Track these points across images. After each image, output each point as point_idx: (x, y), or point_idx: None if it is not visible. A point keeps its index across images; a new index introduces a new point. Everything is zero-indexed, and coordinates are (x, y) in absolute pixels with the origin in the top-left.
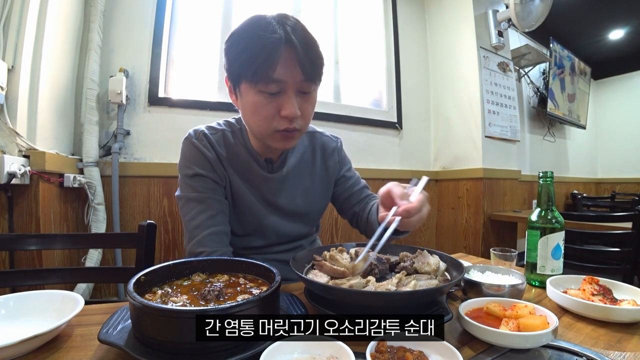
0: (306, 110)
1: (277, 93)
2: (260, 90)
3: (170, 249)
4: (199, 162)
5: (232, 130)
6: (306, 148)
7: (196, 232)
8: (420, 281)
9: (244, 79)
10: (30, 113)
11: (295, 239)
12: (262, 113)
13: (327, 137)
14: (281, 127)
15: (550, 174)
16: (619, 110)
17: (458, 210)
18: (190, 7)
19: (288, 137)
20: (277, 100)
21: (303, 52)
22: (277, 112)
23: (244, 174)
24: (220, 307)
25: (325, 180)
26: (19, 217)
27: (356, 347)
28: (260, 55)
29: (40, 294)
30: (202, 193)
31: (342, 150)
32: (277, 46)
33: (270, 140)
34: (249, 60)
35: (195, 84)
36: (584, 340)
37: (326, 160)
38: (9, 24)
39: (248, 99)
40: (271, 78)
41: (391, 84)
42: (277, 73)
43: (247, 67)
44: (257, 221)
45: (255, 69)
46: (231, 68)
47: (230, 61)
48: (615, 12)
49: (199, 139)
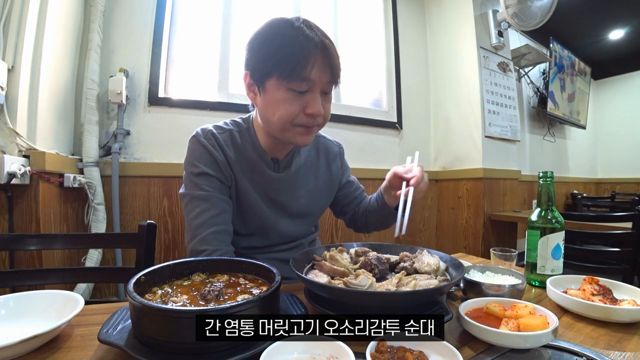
0: (327, 110)
1: (304, 92)
2: (290, 88)
3: (170, 249)
4: (206, 161)
5: (240, 130)
6: (310, 149)
7: (199, 231)
8: (420, 281)
9: (275, 75)
10: (30, 113)
11: (296, 238)
12: (288, 109)
13: (331, 142)
14: (303, 122)
15: (550, 174)
16: (619, 110)
17: (458, 210)
18: (190, 7)
19: (308, 132)
20: (304, 99)
21: (334, 56)
22: (301, 110)
23: (250, 173)
24: (220, 307)
25: (329, 183)
26: (19, 217)
27: (356, 347)
28: (299, 55)
29: (40, 294)
30: (207, 192)
31: (344, 156)
32: (316, 49)
33: (290, 134)
34: (286, 58)
35: (195, 84)
36: (584, 340)
37: (329, 163)
38: (9, 24)
39: (275, 95)
40: (305, 77)
41: (391, 84)
42: (311, 74)
43: (283, 65)
44: (260, 221)
45: (293, 67)
46: (261, 65)
47: (261, 59)
48: (615, 12)
49: (207, 138)
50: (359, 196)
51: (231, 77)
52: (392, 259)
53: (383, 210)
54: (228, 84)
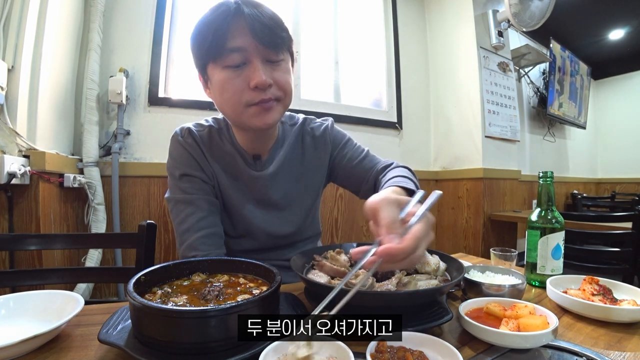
0: (281, 79)
1: (241, 65)
2: (225, 66)
3: (170, 249)
4: (186, 161)
5: (219, 127)
6: (296, 138)
7: (186, 236)
8: (420, 281)
9: (209, 59)
10: (30, 113)
11: (290, 240)
12: (230, 89)
13: (317, 122)
14: (255, 99)
15: (550, 174)
16: (618, 110)
17: (458, 210)
18: (190, 7)
19: (265, 108)
20: (244, 73)
21: (255, 18)
22: (246, 85)
23: (231, 171)
24: (220, 307)
25: (318, 167)
26: (19, 217)
27: (356, 347)
28: (221, 27)
29: (40, 294)
30: (190, 194)
31: (334, 128)
32: (226, 16)
33: (247, 118)
34: (209, 36)
35: (195, 84)
36: (584, 340)
37: (317, 145)
38: (9, 24)
39: (215, 79)
40: (233, 48)
41: (391, 84)
42: (232, 42)
43: (203, 45)
44: (246, 221)
45: (210, 42)
46: (197, 54)
47: (193, 50)
48: (615, 12)
49: (185, 136)
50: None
51: None
52: None
53: None
54: None
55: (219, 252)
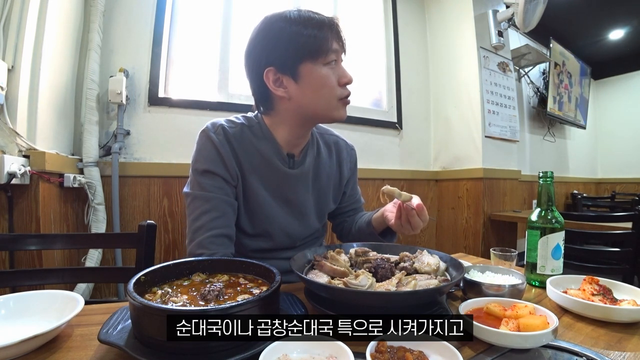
0: None
1: (333, 63)
2: (326, 63)
3: (170, 249)
4: (211, 158)
5: (251, 125)
6: (323, 147)
7: (198, 234)
8: (420, 281)
9: (305, 58)
10: (30, 113)
11: (302, 242)
12: (329, 84)
13: (344, 142)
14: (344, 94)
15: (550, 174)
16: (618, 110)
17: (458, 210)
18: (190, 7)
19: (347, 103)
20: (336, 71)
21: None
22: (336, 82)
23: (261, 169)
24: (220, 307)
25: (338, 184)
26: (19, 217)
27: (356, 347)
28: (321, 31)
29: (40, 294)
30: (209, 192)
31: (356, 160)
32: (324, 23)
33: (336, 111)
34: (311, 38)
35: (195, 84)
36: (584, 340)
37: (341, 163)
38: (9, 24)
39: (315, 75)
40: (331, 49)
41: (391, 84)
42: (333, 44)
43: (310, 43)
44: (267, 220)
45: (321, 42)
46: (290, 54)
47: (283, 48)
48: (615, 12)
49: (217, 132)
50: (357, 208)
51: (231, 77)
52: (392, 259)
53: (367, 229)
54: (228, 83)
55: (225, 252)
